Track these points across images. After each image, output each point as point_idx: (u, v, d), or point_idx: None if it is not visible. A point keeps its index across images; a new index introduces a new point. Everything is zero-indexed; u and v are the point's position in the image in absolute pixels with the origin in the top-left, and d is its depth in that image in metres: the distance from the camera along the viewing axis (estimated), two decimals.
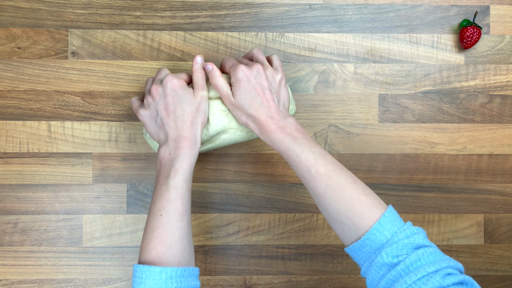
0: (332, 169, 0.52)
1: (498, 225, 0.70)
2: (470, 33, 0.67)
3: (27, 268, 0.67)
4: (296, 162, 0.53)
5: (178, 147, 0.55)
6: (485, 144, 0.70)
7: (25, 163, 0.67)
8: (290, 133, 0.54)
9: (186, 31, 0.69)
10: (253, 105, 0.56)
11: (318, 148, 0.54)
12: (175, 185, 0.53)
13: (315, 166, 0.52)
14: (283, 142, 0.54)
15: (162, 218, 0.52)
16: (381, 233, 0.49)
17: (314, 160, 0.53)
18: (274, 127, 0.55)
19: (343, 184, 0.52)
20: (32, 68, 0.67)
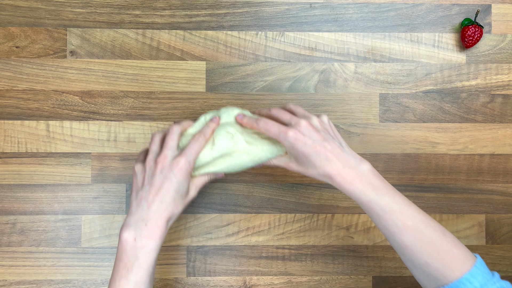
0: (420, 220, 0.50)
1: (499, 226, 0.69)
2: (472, 32, 0.67)
3: (26, 268, 0.67)
4: (380, 215, 0.50)
5: (147, 235, 0.50)
6: (487, 144, 0.69)
7: (23, 163, 0.67)
8: (369, 182, 0.51)
9: (185, 30, 0.68)
10: (319, 163, 0.52)
11: (400, 197, 0.51)
12: (137, 282, 0.49)
13: (401, 219, 0.49)
14: (364, 195, 0.51)
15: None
16: (471, 283, 0.47)
17: (400, 212, 0.50)
18: (350, 178, 0.51)
19: (433, 237, 0.49)
20: (30, 67, 0.67)
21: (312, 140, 0.52)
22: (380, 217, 0.50)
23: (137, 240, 0.50)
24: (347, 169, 0.51)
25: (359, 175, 0.51)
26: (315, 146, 0.52)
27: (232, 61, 0.68)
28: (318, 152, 0.52)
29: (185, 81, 0.68)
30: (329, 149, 0.52)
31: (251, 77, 0.68)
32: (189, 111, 0.68)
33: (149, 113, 0.68)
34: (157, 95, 0.68)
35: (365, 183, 0.51)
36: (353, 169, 0.52)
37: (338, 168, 0.51)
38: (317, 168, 0.52)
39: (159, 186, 0.52)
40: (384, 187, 0.51)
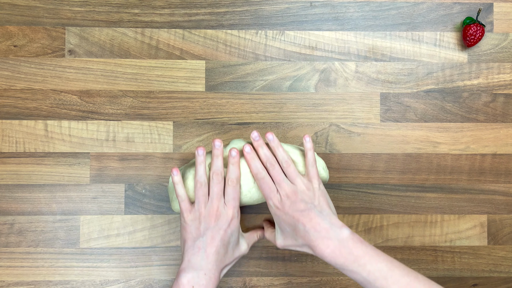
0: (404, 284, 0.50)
1: (501, 226, 0.69)
2: (473, 31, 0.66)
3: (24, 269, 0.66)
4: (364, 284, 0.51)
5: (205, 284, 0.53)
6: (489, 144, 0.69)
7: (21, 163, 0.66)
8: (349, 253, 0.51)
9: (185, 29, 0.68)
10: (298, 232, 0.54)
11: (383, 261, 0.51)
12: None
13: (386, 285, 0.50)
14: (346, 266, 0.51)
15: None
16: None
17: (383, 279, 0.50)
18: (330, 251, 0.52)
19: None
20: (28, 66, 0.66)
21: (291, 210, 0.54)
22: (365, 286, 0.51)
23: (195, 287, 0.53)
24: (326, 240, 0.52)
25: (338, 247, 0.52)
26: (294, 216, 0.54)
27: (232, 60, 0.68)
28: (297, 221, 0.54)
29: (184, 81, 0.68)
30: (307, 219, 0.53)
31: (251, 77, 0.68)
32: (188, 110, 0.67)
33: (148, 113, 0.67)
34: (156, 94, 0.67)
35: (346, 254, 0.51)
36: (332, 239, 0.52)
37: (317, 240, 0.52)
38: (298, 239, 0.54)
39: (215, 236, 0.55)
40: (365, 254, 0.51)
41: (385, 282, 0.50)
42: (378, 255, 0.52)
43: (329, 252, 0.52)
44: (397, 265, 0.51)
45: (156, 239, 0.67)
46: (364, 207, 0.68)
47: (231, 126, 0.68)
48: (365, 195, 0.68)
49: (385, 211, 0.68)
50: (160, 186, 0.67)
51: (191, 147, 0.67)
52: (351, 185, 0.68)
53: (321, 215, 0.54)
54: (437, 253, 0.68)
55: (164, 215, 0.67)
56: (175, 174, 0.56)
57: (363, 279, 0.51)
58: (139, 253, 0.67)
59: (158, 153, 0.67)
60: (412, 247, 0.68)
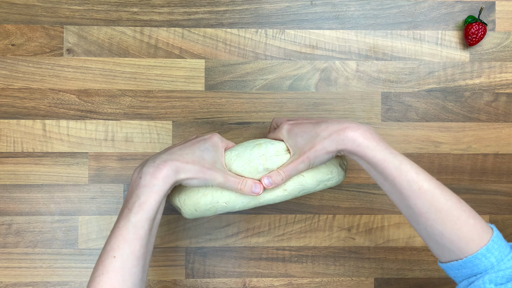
0: (436, 185, 0.46)
1: (504, 227, 0.68)
2: (475, 29, 0.66)
3: (22, 270, 0.66)
4: (394, 176, 0.47)
5: (152, 173, 0.47)
6: (491, 144, 0.68)
7: (19, 163, 0.66)
8: (380, 140, 0.48)
9: (184, 28, 0.67)
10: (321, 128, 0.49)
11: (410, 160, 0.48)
12: (136, 224, 0.45)
13: (417, 180, 0.46)
14: (377, 152, 0.47)
15: (115, 260, 0.45)
16: (487, 259, 0.45)
17: (415, 173, 0.46)
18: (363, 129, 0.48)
19: (449, 205, 0.46)
20: (26, 65, 0.66)
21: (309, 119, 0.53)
22: (394, 178, 0.47)
23: (142, 178, 0.47)
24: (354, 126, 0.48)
25: (369, 131, 0.48)
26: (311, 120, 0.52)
27: (232, 59, 0.67)
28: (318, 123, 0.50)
29: (183, 80, 0.67)
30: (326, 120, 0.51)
31: (250, 76, 0.67)
32: (187, 110, 0.67)
33: (147, 112, 0.67)
34: (155, 93, 0.67)
35: (378, 140, 0.48)
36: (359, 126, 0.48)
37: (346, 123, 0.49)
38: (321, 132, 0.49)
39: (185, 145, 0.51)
40: (392, 148, 0.48)
41: (417, 177, 0.46)
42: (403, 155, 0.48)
43: (361, 132, 0.48)
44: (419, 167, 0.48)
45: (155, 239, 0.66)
46: (365, 208, 0.67)
47: (230, 126, 0.67)
48: (366, 195, 0.68)
49: (386, 212, 0.68)
50: None
51: None
52: (352, 185, 0.68)
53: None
54: None
55: (163, 216, 0.66)
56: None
57: (394, 168, 0.46)
58: None
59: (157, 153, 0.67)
60: (413, 248, 0.68)
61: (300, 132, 0.51)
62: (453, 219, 0.46)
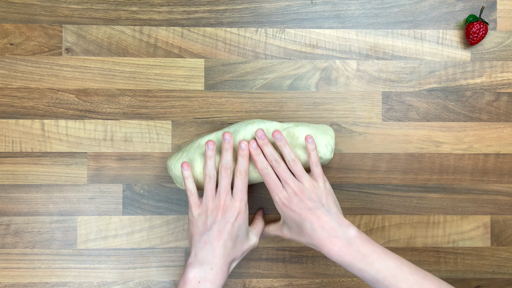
0: (413, 283, 0.49)
1: (505, 227, 0.68)
2: (477, 29, 0.66)
3: (20, 271, 0.65)
4: (372, 282, 0.51)
5: (211, 279, 0.52)
6: (492, 143, 0.68)
7: (18, 163, 0.65)
8: (357, 251, 0.51)
9: (183, 27, 0.67)
10: (304, 230, 0.54)
11: (391, 259, 0.51)
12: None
13: (395, 284, 0.50)
14: (354, 265, 0.51)
15: None
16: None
17: (392, 277, 0.50)
18: (337, 249, 0.52)
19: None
20: (25, 65, 0.66)
21: (298, 207, 0.54)
22: (373, 285, 0.51)
23: (201, 283, 0.52)
24: (333, 239, 0.52)
25: (345, 245, 0.52)
26: (301, 213, 0.54)
27: (232, 58, 0.67)
28: (304, 219, 0.54)
29: (183, 79, 0.67)
30: (314, 217, 0.53)
31: (250, 75, 0.67)
32: (187, 109, 0.66)
33: (147, 112, 0.66)
34: (154, 93, 0.66)
35: (353, 252, 0.51)
36: (339, 238, 0.52)
37: (324, 238, 0.52)
38: (305, 236, 0.54)
39: (222, 230, 0.54)
40: (373, 253, 0.51)
41: (394, 280, 0.49)
42: (385, 254, 0.51)
43: (336, 251, 0.52)
44: (405, 263, 0.51)
45: (154, 240, 0.66)
46: (366, 208, 0.67)
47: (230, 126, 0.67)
48: (367, 195, 0.67)
49: (387, 212, 0.67)
50: (158, 186, 0.66)
51: None
52: (353, 185, 0.67)
53: (329, 214, 0.54)
54: (439, 254, 0.67)
55: (163, 216, 0.66)
56: (185, 169, 0.56)
57: (371, 277, 0.50)
58: (137, 254, 0.66)
59: (156, 152, 0.66)
60: (415, 248, 0.67)
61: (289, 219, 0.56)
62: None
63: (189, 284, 0.52)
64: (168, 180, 0.66)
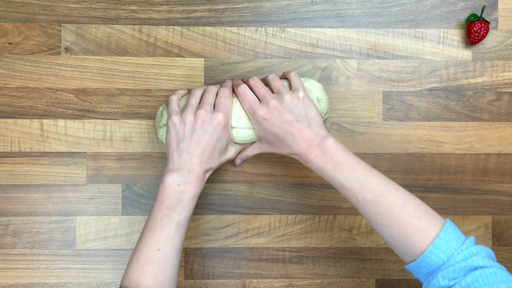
0: (379, 193, 0.50)
1: (506, 227, 0.67)
2: (478, 28, 0.65)
3: (19, 271, 0.65)
4: (341, 190, 0.52)
5: (190, 182, 0.53)
6: (493, 143, 0.67)
7: (16, 163, 0.65)
8: (330, 158, 0.52)
9: (183, 26, 0.66)
10: (286, 142, 0.55)
11: (362, 169, 0.51)
12: (179, 222, 0.52)
13: (361, 192, 0.50)
14: (325, 171, 0.52)
15: (160, 253, 0.51)
16: (437, 256, 0.46)
17: (359, 186, 0.50)
18: (313, 156, 0.53)
19: (392, 209, 0.49)
20: (23, 64, 0.65)
21: (280, 120, 0.54)
22: (343, 192, 0.52)
23: (181, 185, 0.53)
24: (311, 148, 0.53)
25: (321, 153, 0.53)
26: (282, 127, 0.54)
27: (231, 58, 0.67)
28: (285, 132, 0.54)
29: (183, 79, 0.66)
30: (296, 129, 0.54)
31: (250, 74, 0.67)
32: None
33: (146, 112, 0.66)
34: (154, 93, 0.66)
35: (326, 160, 0.52)
36: (316, 147, 0.53)
37: (303, 148, 0.53)
38: (285, 148, 0.55)
39: (200, 139, 0.54)
40: (346, 161, 0.52)
41: (361, 189, 0.50)
42: (359, 164, 0.52)
43: (312, 158, 0.53)
44: (377, 174, 0.51)
45: None
46: None
47: None
48: None
49: None
50: (158, 186, 0.66)
51: None
52: None
53: (309, 126, 0.55)
54: None
55: None
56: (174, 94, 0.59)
57: (340, 184, 0.51)
58: None
59: (156, 152, 0.66)
60: None
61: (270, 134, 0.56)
62: (396, 222, 0.49)
63: (168, 187, 0.53)
64: None
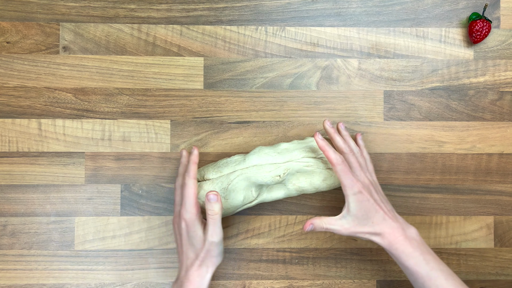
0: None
1: (508, 228, 0.67)
2: (480, 27, 0.65)
3: (17, 272, 0.64)
4: (424, 280, 0.53)
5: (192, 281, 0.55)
6: (495, 143, 0.67)
7: (14, 163, 0.65)
8: (418, 246, 0.54)
9: (182, 25, 0.66)
10: (376, 220, 0.55)
11: (444, 265, 0.54)
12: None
13: (446, 285, 0.52)
14: (412, 258, 0.53)
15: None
16: None
17: (444, 279, 0.52)
18: (402, 239, 0.54)
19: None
20: (21, 63, 0.65)
21: (373, 197, 0.56)
22: (424, 282, 0.53)
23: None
24: (400, 230, 0.55)
25: (409, 238, 0.54)
26: (375, 204, 0.55)
27: (231, 57, 0.66)
28: (377, 209, 0.55)
29: (182, 78, 0.66)
30: (386, 210, 0.56)
31: (250, 74, 0.66)
32: (186, 109, 0.66)
33: (145, 111, 0.65)
34: (153, 92, 0.66)
35: (415, 247, 0.54)
36: (404, 231, 0.55)
37: (393, 228, 0.55)
38: (374, 225, 0.55)
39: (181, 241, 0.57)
40: (428, 253, 0.54)
41: (446, 283, 0.52)
42: (439, 260, 0.54)
43: (401, 241, 0.54)
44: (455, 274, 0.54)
45: (153, 241, 0.65)
46: None
47: (230, 125, 0.66)
48: None
49: None
50: (157, 186, 0.65)
51: (189, 147, 0.66)
52: None
53: (393, 211, 0.57)
54: (442, 255, 0.66)
55: (161, 217, 0.65)
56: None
57: (425, 274, 0.53)
58: (135, 256, 0.65)
59: (155, 152, 0.65)
60: None
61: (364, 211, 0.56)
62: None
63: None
64: (167, 180, 0.66)
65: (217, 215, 0.55)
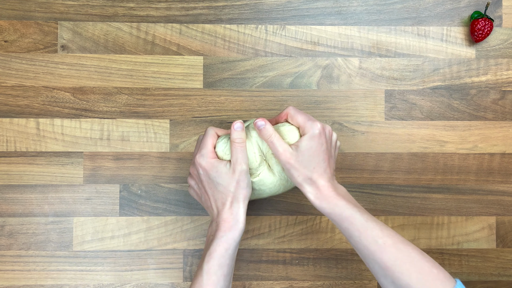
0: (399, 240, 0.50)
1: (510, 228, 0.66)
2: (482, 25, 0.64)
3: (15, 273, 0.64)
4: (360, 231, 0.50)
5: (217, 229, 0.53)
6: (497, 143, 0.66)
7: (12, 163, 0.64)
8: (350, 201, 0.52)
9: (182, 24, 0.65)
10: (317, 169, 0.53)
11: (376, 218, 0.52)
12: (208, 270, 0.52)
13: (382, 236, 0.50)
14: (346, 208, 0.51)
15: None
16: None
17: (380, 230, 0.50)
18: (335, 194, 0.52)
19: (412, 256, 0.49)
20: (19, 62, 0.64)
21: (327, 146, 0.53)
22: (360, 234, 0.51)
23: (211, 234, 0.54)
24: (332, 186, 0.53)
25: (342, 193, 0.53)
26: (325, 153, 0.53)
27: (231, 56, 0.66)
28: (324, 160, 0.53)
29: (181, 77, 0.65)
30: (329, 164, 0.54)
31: (250, 73, 0.66)
32: (185, 108, 0.65)
33: (144, 111, 0.65)
34: (152, 91, 0.65)
35: (348, 201, 0.52)
36: (335, 187, 0.54)
37: (328, 182, 0.53)
38: (313, 172, 0.53)
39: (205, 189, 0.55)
40: (361, 207, 0.53)
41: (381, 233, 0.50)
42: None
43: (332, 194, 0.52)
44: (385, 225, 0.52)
45: (152, 241, 0.65)
46: (368, 208, 0.66)
47: (230, 124, 0.65)
48: (369, 196, 0.66)
49: (390, 213, 0.66)
50: (156, 186, 0.65)
51: (189, 146, 0.65)
52: (355, 185, 0.66)
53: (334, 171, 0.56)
54: (444, 256, 0.66)
55: (160, 217, 0.65)
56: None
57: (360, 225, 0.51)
58: (134, 256, 0.65)
59: (154, 152, 0.65)
60: None
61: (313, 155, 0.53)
62: (417, 270, 0.48)
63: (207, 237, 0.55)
64: (166, 180, 0.65)
65: (243, 143, 0.53)
